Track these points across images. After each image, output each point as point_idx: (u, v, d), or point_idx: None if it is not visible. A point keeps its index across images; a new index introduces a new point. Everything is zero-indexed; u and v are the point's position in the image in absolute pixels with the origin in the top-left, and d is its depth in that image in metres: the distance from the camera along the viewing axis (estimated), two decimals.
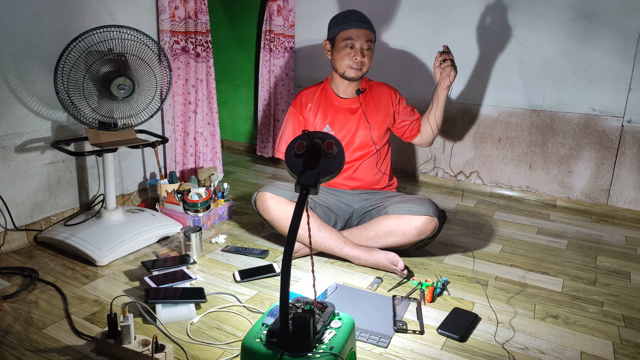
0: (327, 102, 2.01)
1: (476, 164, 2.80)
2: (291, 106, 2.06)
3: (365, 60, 1.90)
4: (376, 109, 2.01)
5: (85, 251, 1.80)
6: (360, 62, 1.89)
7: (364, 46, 1.88)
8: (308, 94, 2.04)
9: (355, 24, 1.87)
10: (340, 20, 1.91)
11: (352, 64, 1.89)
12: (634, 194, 2.45)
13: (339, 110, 2.00)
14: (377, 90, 2.04)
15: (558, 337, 1.44)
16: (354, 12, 1.91)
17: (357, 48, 1.88)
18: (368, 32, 1.88)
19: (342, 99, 2.00)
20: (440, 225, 1.80)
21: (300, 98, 2.04)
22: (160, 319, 1.44)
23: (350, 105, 2.00)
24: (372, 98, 2.02)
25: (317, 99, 2.02)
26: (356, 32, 1.87)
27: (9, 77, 1.82)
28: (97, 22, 2.05)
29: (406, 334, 1.42)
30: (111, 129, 1.88)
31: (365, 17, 1.91)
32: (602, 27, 2.34)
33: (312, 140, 1.09)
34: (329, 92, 2.02)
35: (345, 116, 2.00)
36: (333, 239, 1.83)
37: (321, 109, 2.01)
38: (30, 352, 1.30)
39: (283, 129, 2.07)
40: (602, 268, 1.90)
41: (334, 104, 2.01)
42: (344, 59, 1.90)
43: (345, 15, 1.90)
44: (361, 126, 1.99)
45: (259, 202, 1.90)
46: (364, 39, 1.87)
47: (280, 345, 1.01)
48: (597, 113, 2.45)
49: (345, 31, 1.88)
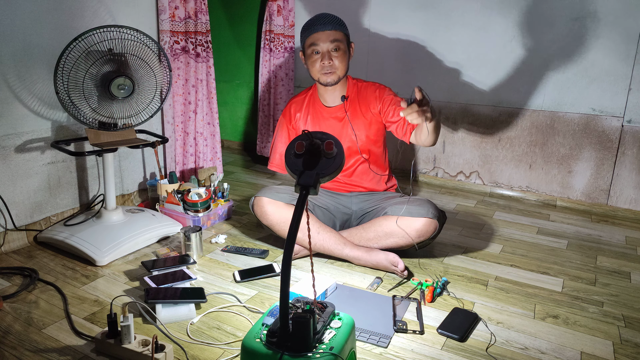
0: (314, 110, 1.98)
1: (476, 164, 2.80)
2: (281, 116, 2.04)
3: (336, 62, 1.81)
4: (362, 114, 1.93)
5: (85, 251, 1.80)
6: (329, 65, 1.81)
7: (330, 48, 1.80)
8: (297, 103, 2.01)
9: (317, 27, 1.79)
10: (305, 27, 1.84)
11: (322, 70, 1.82)
12: (634, 194, 2.45)
13: (326, 119, 1.96)
14: (364, 93, 1.94)
15: (558, 337, 1.44)
16: (318, 15, 1.83)
17: (324, 52, 1.80)
18: (332, 33, 1.79)
19: (328, 108, 1.95)
20: (440, 227, 1.80)
21: (290, 108, 2.02)
22: (160, 319, 1.44)
23: (337, 113, 1.95)
24: (359, 103, 1.93)
25: (305, 107, 1.99)
26: (319, 35, 1.79)
27: (9, 77, 1.82)
28: (97, 22, 2.05)
29: (406, 334, 1.42)
30: (111, 129, 1.88)
31: (329, 17, 1.82)
32: (603, 27, 2.34)
33: (312, 141, 1.09)
34: (316, 101, 1.98)
35: (332, 125, 1.95)
36: (332, 240, 1.83)
37: (310, 117, 1.98)
38: (30, 352, 1.30)
39: (274, 141, 2.06)
40: (602, 268, 1.90)
41: (321, 113, 1.97)
42: (314, 65, 1.83)
43: (310, 21, 1.84)
44: (347, 135, 1.94)
45: (256, 207, 1.90)
46: (329, 41, 1.79)
47: (280, 345, 1.01)
48: (597, 113, 2.45)
49: (310, 37, 1.81)
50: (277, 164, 2.05)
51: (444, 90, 2.77)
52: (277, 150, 2.04)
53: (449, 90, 2.76)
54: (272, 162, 2.05)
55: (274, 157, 2.05)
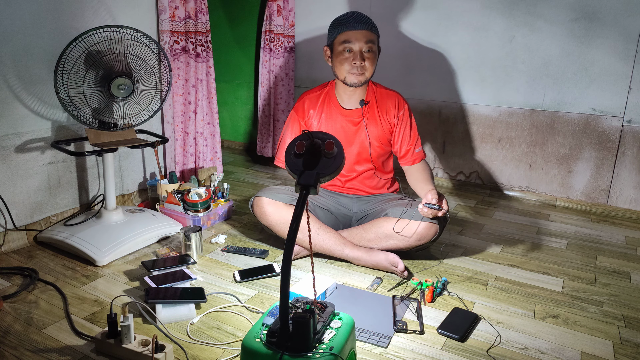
0: (330, 110, 1.91)
1: (476, 164, 2.80)
2: (293, 110, 1.96)
3: (367, 64, 1.77)
4: (379, 122, 1.89)
5: (85, 251, 1.80)
6: (361, 66, 1.76)
7: (364, 48, 1.75)
8: (311, 99, 1.93)
9: (352, 25, 1.74)
10: (337, 23, 1.79)
11: (352, 69, 1.77)
12: (634, 194, 2.45)
13: (341, 121, 1.90)
14: (383, 103, 1.89)
15: (558, 337, 1.44)
16: (352, 13, 1.78)
17: (356, 51, 1.75)
18: (367, 33, 1.75)
19: (345, 109, 1.89)
20: (441, 230, 1.79)
21: (303, 103, 1.94)
22: (160, 319, 1.44)
23: (353, 116, 1.89)
24: (377, 110, 1.88)
25: (319, 105, 1.92)
26: (354, 33, 1.74)
27: (9, 77, 1.82)
28: (97, 22, 2.05)
29: (406, 334, 1.42)
30: (111, 129, 1.88)
31: (364, 17, 1.77)
32: (603, 27, 2.34)
33: (312, 140, 1.09)
34: (332, 99, 1.91)
35: (347, 128, 1.90)
36: (333, 240, 1.82)
37: (324, 116, 1.91)
38: (30, 352, 1.30)
39: (283, 135, 1.98)
40: (602, 268, 1.90)
41: (337, 114, 1.91)
42: (343, 64, 1.77)
43: (343, 17, 1.78)
44: (361, 141, 1.90)
45: (256, 207, 1.89)
46: (363, 41, 1.74)
47: (280, 345, 1.01)
48: (597, 113, 2.45)
49: (342, 34, 1.75)
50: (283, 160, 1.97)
51: (444, 90, 2.77)
52: (285, 145, 1.92)
53: (449, 90, 2.76)
54: (279, 157, 1.93)
55: (281, 153, 1.93)
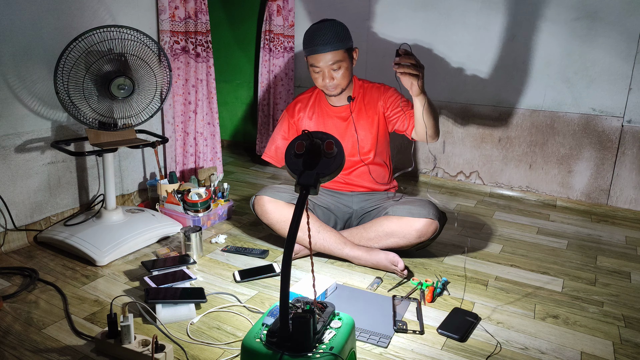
0: (320, 109, 1.97)
1: (476, 164, 2.80)
2: (285, 110, 2.03)
3: (337, 79, 1.80)
4: (367, 115, 1.92)
5: (85, 251, 1.80)
6: (331, 84, 1.81)
7: (332, 68, 1.78)
8: (302, 101, 2.00)
9: (315, 49, 1.75)
10: (305, 42, 1.80)
11: (324, 86, 1.83)
12: (634, 194, 2.45)
13: (331, 118, 1.96)
14: (370, 94, 1.94)
15: (558, 337, 1.44)
16: (317, 32, 1.76)
17: (324, 72, 1.79)
18: (331, 55, 1.75)
19: (334, 107, 1.95)
20: (440, 227, 1.80)
21: (295, 104, 2.01)
22: (160, 319, 1.44)
23: (342, 113, 1.95)
24: (364, 104, 1.93)
25: (310, 105, 1.99)
26: (318, 57, 1.76)
27: (9, 77, 1.82)
28: (97, 22, 2.05)
29: (406, 334, 1.42)
30: (111, 129, 1.88)
31: (328, 35, 1.74)
32: (603, 26, 2.34)
33: (312, 140, 1.09)
34: (322, 99, 1.97)
35: (337, 124, 1.95)
36: (333, 239, 1.83)
37: (315, 115, 1.97)
38: (30, 352, 1.30)
39: (273, 133, 2.05)
40: (602, 268, 1.90)
41: (327, 113, 1.97)
42: (317, 80, 1.83)
43: (308, 37, 1.79)
44: (351, 136, 1.94)
45: (257, 206, 1.90)
46: (329, 63, 1.76)
47: (280, 345, 1.01)
48: (597, 113, 2.45)
49: (309, 56, 1.80)
50: (271, 155, 2.03)
51: (444, 90, 2.77)
52: (274, 142, 2.03)
53: (449, 90, 2.76)
54: (267, 152, 2.04)
55: (269, 148, 2.04)
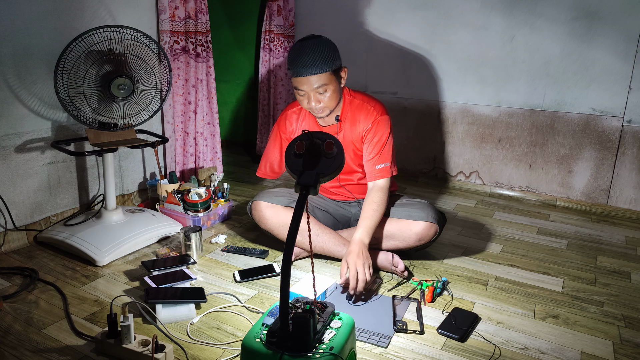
0: (309, 127, 1.89)
1: (476, 164, 2.80)
2: (275, 124, 1.96)
3: (324, 102, 1.71)
4: (354, 133, 1.83)
5: (85, 251, 1.80)
6: (317, 108, 1.72)
7: (318, 91, 1.68)
8: (292, 115, 1.91)
9: (299, 71, 1.65)
10: (289, 63, 1.70)
11: (310, 109, 1.75)
12: (634, 194, 2.45)
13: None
14: (355, 116, 1.82)
15: (558, 337, 1.44)
16: (300, 55, 1.65)
17: (310, 96, 1.70)
18: (316, 78, 1.65)
19: (323, 127, 1.87)
20: (440, 229, 1.79)
21: (285, 119, 1.92)
22: (160, 319, 1.44)
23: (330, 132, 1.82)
24: (351, 123, 1.83)
25: (300, 122, 1.90)
26: (302, 80, 1.66)
27: (9, 77, 1.82)
28: (97, 22, 2.05)
29: (406, 334, 1.42)
30: (111, 129, 1.88)
31: (312, 58, 1.64)
32: (604, 26, 2.34)
33: (312, 141, 1.09)
34: (311, 116, 1.88)
35: None
36: (332, 241, 1.82)
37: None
38: (30, 352, 1.30)
39: (265, 149, 1.98)
40: (602, 268, 1.90)
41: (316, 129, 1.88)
42: (302, 103, 1.74)
43: (293, 57, 1.68)
44: None
45: (254, 211, 1.89)
46: (313, 86, 1.66)
47: (280, 345, 1.01)
48: (597, 113, 2.45)
49: (294, 79, 1.70)
50: (264, 172, 1.99)
51: (444, 90, 2.77)
52: (267, 159, 1.97)
53: (449, 89, 2.76)
54: (260, 169, 1.99)
55: (263, 165, 1.98)
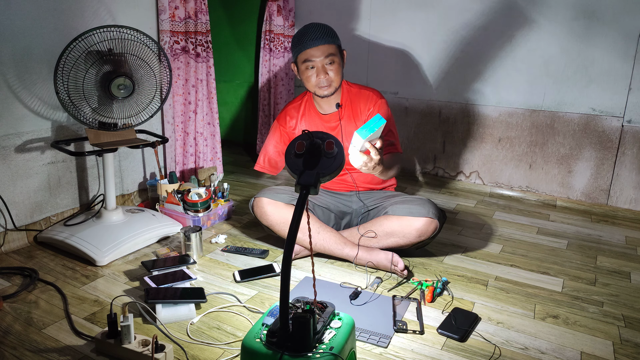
0: (310, 117, 1.98)
1: (476, 164, 2.80)
2: (275, 120, 2.03)
3: (332, 75, 1.81)
4: (355, 121, 1.93)
5: (85, 251, 1.80)
6: (326, 79, 1.81)
7: (326, 62, 1.79)
8: (292, 109, 2.00)
9: (309, 43, 1.77)
10: (296, 41, 1.82)
11: (319, 84, 1.82)
12: (634, 194, 2.45)
13: (321, 126, 1.96)
14: (356, 102, 1.93)
15: (558, 337, 1.44)
16: (308, 29, 1.79)
17: (319, 67, 1.79)
18: (325, 48, 1.77)
19: (324, 115, 1.95)
20: (440, 226, 1.80)
21: (285, 114, 2.00)
22: (160, 319, 1.44)
23: (331, 121, 1.95)
24: (352, 109, 1.93)
25: (301, 114, 1.99)
26: (312, 51, 1.77)
27: (9, 77, 1.82)
28: (97, 22, 2.05)
29: (406, 334, 1.42)
30: (111, 129, 1.88)
31: (320, 31, 1.78)
32: (603, 26, 2.34)
33: (312, 140, 1.09)
34: (312, 107, 1.98)
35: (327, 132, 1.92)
36: (333, 240, 1.83)
37: (305, 124, 1.98)
38: (30, 352, 1.30)
39: (265, 143, 2.05)
40: (602, 268, 1.90)
41: (317, 120, 1.97)
42: (310, 80, 1.83)
43: (300, 34, 1.80)
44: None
45: (256, 208, 1.90)
46: (323, 56, 1.77)
47: (280, 345, 1.01)
48: (597, 113, 2.45)
49: (302, 53, 1.79)
50: (262, 165, 2.05)
51: (444, 90, 2.77)
52: (266, 152, 2.03)
53: (449, 90, 2.76)
54: (258, 163, 2.05)
55: (262, 159, 2.05)
